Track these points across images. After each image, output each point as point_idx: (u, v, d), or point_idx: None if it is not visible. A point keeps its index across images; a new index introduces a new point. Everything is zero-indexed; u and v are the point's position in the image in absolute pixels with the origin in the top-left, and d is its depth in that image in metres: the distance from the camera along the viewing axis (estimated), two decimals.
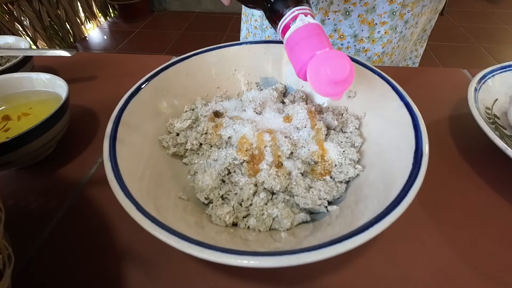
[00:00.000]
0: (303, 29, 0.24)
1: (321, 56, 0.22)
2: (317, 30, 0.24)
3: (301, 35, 0.24)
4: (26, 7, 1.77)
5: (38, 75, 0.36)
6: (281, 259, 0.17)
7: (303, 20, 0.24)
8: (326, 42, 0.24)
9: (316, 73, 0.22)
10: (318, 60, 0.22)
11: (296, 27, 0.24)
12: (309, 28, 0.24)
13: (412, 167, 0.21)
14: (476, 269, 0.23)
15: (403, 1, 0.46)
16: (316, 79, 0.23)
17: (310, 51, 0.23)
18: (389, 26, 0.49)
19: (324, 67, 0.22)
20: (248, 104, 0.34)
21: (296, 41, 0.24)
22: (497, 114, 0.35)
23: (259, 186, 0.26)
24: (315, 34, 0.24)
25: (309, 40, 0.23)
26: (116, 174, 0.22)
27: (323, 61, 0.22)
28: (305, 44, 0.23)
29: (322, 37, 0.24)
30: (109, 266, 0.24)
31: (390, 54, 0.54)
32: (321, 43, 0.23)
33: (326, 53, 0.23)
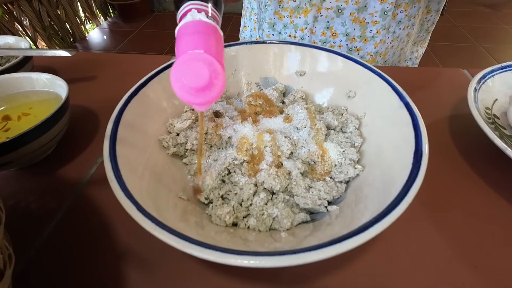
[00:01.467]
0: (189, 25, 0.22)
1: (185, 56, 0.20)
2: (204, 29, 0.22)
3: (186, 30, 0.21)
4: (25, 7, 1.77)
5: (38, 75, 0.36)
6: (281, 259, 0.17)
7: (194, 16, 0.22)
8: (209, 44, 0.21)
9: (175, 76, 0.20)
10: (180, 61, 0.20)
11: (184, 21, 0.22)
12: (196, 25, 0.22)
13: (412, 167, 0.21)
14: (476, 269, 0.23)
15: (396, 1, 0.46)
16: (174, 83, 0.20)
17: (185, 49, 0.20)
18: (381, 26, 0.49)
19: (181, 69, 0.20)
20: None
21: (180, 36, 0.22)
22: (496, 114, 0.35)
23: (259, 186, 0.26)
24: (199, 32, 0.21)
25: (190, 37, 0.21)
26: (116, 174, 0.22)
27: (183, 62, 0.20)
28: (185, 40, 0.21)
29: (206, 37, 0.21)
30: (109, 266, 0.24)
31: (384, 54, 0.54)
32: (201, 43, 0.21)
33: (192, 54, 0.20)
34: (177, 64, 0.20)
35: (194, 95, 0.20)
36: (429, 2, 0.52)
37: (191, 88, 0.20)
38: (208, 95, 0.21)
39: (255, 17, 0.61)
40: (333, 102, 0.35)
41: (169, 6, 2.60)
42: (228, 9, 1.56)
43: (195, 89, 0.20)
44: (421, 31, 0.58)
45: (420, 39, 0.59)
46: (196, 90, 0.20)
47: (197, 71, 0.20)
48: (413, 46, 0.60)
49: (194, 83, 0.20)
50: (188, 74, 0.20)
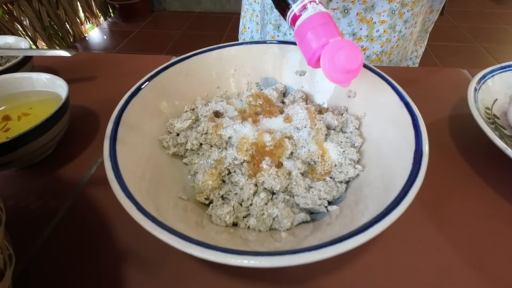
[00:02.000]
0: (316, 17, 0.24)
1: (336, 44, 0.23)
2: (329, 18, 0.24)
3: (314, 23, 0.24)
4: (25, 7, 1.77)
5: (38, 75, 0.36)
6: (281, 259, 0.17)
7: (315, 8, 0.24)
8: (337, 30, 0.24)
9: (330, 61, 0.23)
10: (333, 48, 0.23)
11: (308, 14, 0.24)
12: (322, 16, 0.24)
13: (412, 167, 0.21)
14: (476, 268, 0.23)
15: (403, 0, 0.46)
16: (330, 66, 0.23)
17: (323, 39, 0.24)
18: (388, 25, 0.49)
19: (339, 55, 0.22)
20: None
21: (309, 29, 0.24)
22: (496, 114, 0.35)
23: (259, 186, 0.26)
24: (327, 22, 0.24)
25: (322, 28, 0.24)
26: (116, 174, 0.22)
27: (338, 49, 0.23)
28: (317, 31, 0.24)
29: (333, 25, 0.24)
30: (109, 266, 0.24)
31: (389, 53, 0.54)
32: (333, 31, 0.24)
33: (340, 41, 0.23)
34: (333, 50, 0.23)
35: (345, 74, 0.23)
36: (433, 2, 0.52)
37: (345, 69, 0.23)
38: (356, 73, 0.23)
39: (257, 19, 0.61)
40: (333, 102, 0.35)
41: (169, 6, 2.60)
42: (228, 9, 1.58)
43: (348, 70, 0.23)
44: (421, 31, 0.58)
45: (420, 38, 0.59)
46: (348, 71, 0.23)
47: (353, 54, 0.23)
48: (413, 46, 0.60)
49: (351, 65, 0.23)
50: (347, 57, 0.22)
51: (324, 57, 0.23)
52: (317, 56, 0.24)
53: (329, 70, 0.23)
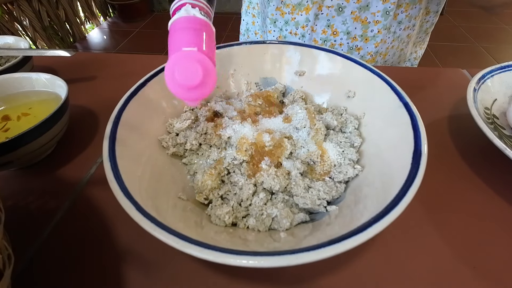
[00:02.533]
0: (183, 20, 0.22)
1: (180, 54, 0.20)
2: (198, 25, 0.22)
3: (179, 26, 0.22)
4: (25, 7, 1.77)
5: (38, 75, 0.36)
6: (280, 259, 0.17)
7: (188, 11, 0.22)
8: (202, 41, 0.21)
9: (168, 71, 0.21)
10: (174, 58, 0.20)
11: (178, 16, 0.22)
12: (190, 21, 0.22)
13: (411, 167, 0.21)
14: (475, 269, 0.23)
15: (397, 1, 0.46)
16: (168, 77, 0.21)
17: (178, 45, 0.21)
18: (383, 26, 0.49)
19: (175, 67, 0.20)
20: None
21: (173, 30, 0.22)
22: (496, 114, 0.35)
23: (258, 186, 0.26)
24: (193, 28, 0.22)
25: (184, 33, 0.21)
26: (115, 174, 0.22)
27: (177, 61, 0.20)
28: (179, 36, 0.21)
29: (200, 35, 0.22)
30: (109, 266, 0.24)
31: (384, 54, 0.54)
32: (194, 40, 0.21)
33: (187, 52, 0.20)
34: (172, 62, 0.20)
35: (186, 91, 0.21)
36: (428, 3, 0.52)
37: (181, 85, 0.21)
38: (200, 92, 0.21)
39: (254, 11, 0.60)
40: (332, 102, 0.35)
41: (168, 6, 2.60)
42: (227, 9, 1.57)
43: (188, 86, 0.21)
44: (420, 32, 0.58)
45: (419, 40, 0.59)
46: (189, 87, 0.21)
47: (191, 70, 0.20)
48: (412, 47, 0.60)
49: (187, 82, 0.21)
50: (182, 72, 0.20)
51: (166, 67, 0.21)
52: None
53: (167, 82, 0.21)
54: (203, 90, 0.21)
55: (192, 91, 0.21)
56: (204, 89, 0.21)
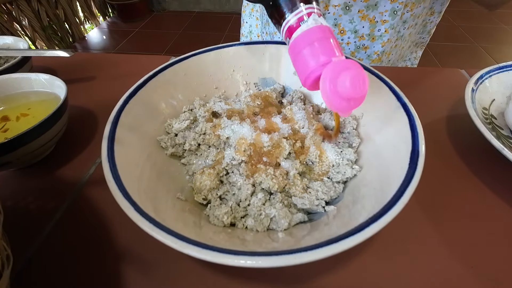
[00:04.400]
0: (316, 30, 0.20)
1: (340, 64, 0.19)
2: (331, 34, 0.21)
3: (313, 37, 0.20)
4: (25, 7, 1.77)
5: (37, 76, 0.36)
6: (278, 259, 0.17)
7: (316, 20, 0.21)
8: (340, 49, 0.20)
9: (331, 83, 0.19)
10: (336, 69, 0.19)
11: (307, 26, 0.21)
12: (323, 31, 0.20)
13: (409, 167, 0.21)
14: (473, 269, 0.23)
15: (405, 0, 0.46)
16: (331, 90, 0.19)
17: (323, 57, 0.20)
18: (390, 25, 0.49)
19: (343, 78, 0.19)
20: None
21: (306, 44, 0.20)
22: (494, 114, 0.35)
23: (256, 187, 0.26)
24: (329, 37, 0.20)
25: (323, 44, 0.20)
26: (114, 174, 0.22)
27: (342, 71, 0.19)
28: (317, 48, 0.20)
29: (336, 43, 0.21)
30: (107, 266, 0.24)
31: (388, 53, 0.54)
32: (336, 49, 0.20)
33: (345, 62, 0.19)
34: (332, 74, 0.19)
35: (347, 101, 0.20)
36: (433, 3, 0.52)
37: (348, 96, 0.19)
38: (360, 102, 0.20)
39: (257, 14, 0.61)
40: None
41: (168, 6, 2.60)
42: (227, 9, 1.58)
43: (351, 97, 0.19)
44: (423, 33, 0.58)
45: (422, 40, 0.59)
46: (350, 98, 0.19)
47: (358, 79, 0.19)
48: (414, 47, 0.60)
49: (356, 92, 0.19)
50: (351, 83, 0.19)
51: (325, 79, 0.19)
52: (314, 76, 0.21)
53: (330, 95, 0.19)
54: (361, 100, 0.20)
55: (353, 101, 0.20)
56: (363, 98, 0.20)
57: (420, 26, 0.55)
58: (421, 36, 0.58)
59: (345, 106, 0.20)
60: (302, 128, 0.31)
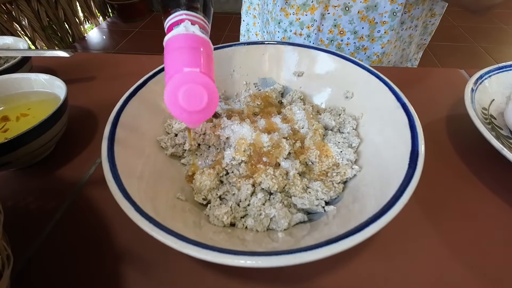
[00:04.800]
0: (183, 38, 0.21)
1: (183, 76, 0.19)
2: (199, 45, 0.21)
3: (178, 44, 0.21)
4: (24, 7, 1.77)
5: (37, 76, 0.36)
6: (278, 259, 0.17)
7: (187, 28, 0.21)
8: (204, 62, 0.20)
9: (170, 94, 0.20)
10: (176, 80, 0.19)
11: (176, 32, 0.21)
12: (190, 39, 0.21)
13: (408, 167, 0.21)
14: (473, 269, 0.24)
15: (405, 2, 0.47)
16: (169, 99, 0.20)
17: (179, 65, 0.20)
18: (389, 27, 0.49)
19: (178, 90, 0.19)
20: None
21: (172, 48, 0.21)
22: (493, 114, 0.35)
23: (256, 187, 0.26)
24: (193, 48, 0.21)
25: (184, 52, 0.20)
26: (114, 174, 0.22)
27: (180, 83, 0.19)
28: (178, 55, 0.20)
29: (201, 54, 0.21)
30: (108, 266, 0.24)
31: (388, 54, 0.54)
32: (195, 60, 0.20)
33: (190, 74, 0.20)
34: (174, 84, 0.20)
35: (189, 114, 0.20)
36: (433, 6, 0.52)
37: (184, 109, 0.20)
38: (203, 115, 0.21)
39: (255, 12, 0.60)
40: (330, 103, 0.36)
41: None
42: (227, 9, 1.58)
43: (192, 110, 0.20)
44: (424, 34, 0.58)
45: (424, 42, 0.59)
46: (192, 111, 0.20)
47: (196, 94, 0.20)
48: (416, 48, 0.60)
49: (192, 106, 0.20)
50: (186, 96, 0.20)
51: (166, 88, 0.20)
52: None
53: (169, 104, 0.20)
54: (206, 114, 0.21)
55: (195, 114, 0.20)
56: (207, 112, 0.21)
57: (421, 27, 0.55)
58: (422, 37, 0.58)
59: (186, 118, 0.20)
60: (302, 128, 0.31)
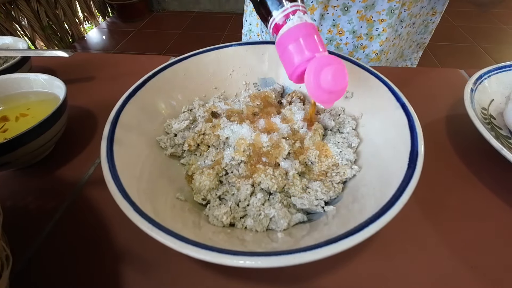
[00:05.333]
0: (301, 27, 0.22)
1: (323, 60, 0.21)
2: (315, 30, 0.22)
3: (298, 34, 0.22)
4: (24, 7, 1.77)
5: (36, 76, 0.36)
6: (278, 259, 0.17)
7: (301, 17, 0.22)
8: (323, 45, 0.22)
9: (315, 77, 0.21)
10: (319, 64, 0.21)
11: (292, 24, 0.22)
12: (307, 27, 0.22)
13: (408, 167, 0.21)
14: (473, 269, 0.24)
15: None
16: (315, 83, 0.21)
17: (308, 52, 0.22)
18: (388, 24, 0.49)
19: (325, 72, 0.21)
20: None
21: (292, 40, 0.22)
22: (493, 114, 0.35)
23: (256, 187, 0.26)
24: (312, 34, 0.22)
25: (307, 40, 0.22)
26: (113, 175, 0.22)
27: (324, 66, 0.21)
28: (302, 44, 0.22)
29: (320, 39, 0.22)
30: (107, 266, 0.24)
31: (387, 52, 0.54)
32: (320, 45, 0.22)
33: (328, 57, 0.21)
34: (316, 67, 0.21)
35: (328, 94, 0.22)
36: (435, 4, 0.52)
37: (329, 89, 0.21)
38: (341, 94, 0.22)
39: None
40: None
41: (168, 6, 2.60)
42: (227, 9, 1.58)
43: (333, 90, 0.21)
44: (425, 33, 0.58)
45: (424, 41, 0.59)
46: (332, 91, 0.21)
47: (339, 73, 0.21)
48: (415, 47, 0.60)
49: (337, 86, 0.21)
50: (330, 76, 0.21)
51: (309, 73, 0.21)
52: (299, 71, 0.23)
53: (313, 87, 0.21)
54: (342, 93, 0.22)
55: (334, 94, 0.22)
56: (343, 91, 0.22)
57: (422, 26, 0.55)
58: (422, 36, 0.58)
59: (326, 98, 0.22)
60: (302, 128, 0.31)
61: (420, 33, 0.57)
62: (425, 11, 0.52)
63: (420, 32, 0.57)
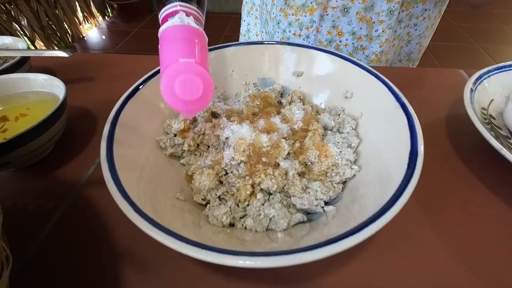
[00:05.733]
0: (178, 29, 0.21)
1: (178, 67, 0.20)
2: (194, 36, 0.21)
3: (174, 35, 0.21)
4: (23, 7, 1.77)
5: (36, 76, 0.36)
6: (277, 259, 0.17)
7: (183, 19, 0.22)
8: (199, 53, 0.21)
9: (166, 84, 0.20)
10: (172, 71, 0.20)
11: (172, 23, 0.22)
12: (185, 31, 0.21)
13: (407, 167, 0.21)
14: (473, 269, 0.24)
15: (402, 0, 0.47)
16: (165, 90, 0.20)
17: (175, 56, 0.20)
18: (387, 25, 0.49)
19: (174, 80, 0.20)
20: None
21: (168, 39, 0.21)
22: (492, 114, 0.35)
23: (256, 187, 0.26)
24: (188, 39, 0.21)
25: (179, 43, 0.21)
26: (113, 175, 0.22)
27: (176, 74, 0.20)
28: (174, 46, 0.21)
29: (196, 45, 0.21)
30: (107, 267, 0.24)
31: (387, 53, 0.54)
32: (191, 51, 0.21)
33: (186, 65, 0.20)
34: (170, 74, 0.20)
35: (185, 104, 0.21)
36: (441, 6, 0.52)
37: (180, 99, 0.20)
38: (199, 105, 0.21)
39: (256, 12, 0.61)
40: (330, 103, 0.36)
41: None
42: (227, 9, 1.58)
43: (187, 100, 0.21)
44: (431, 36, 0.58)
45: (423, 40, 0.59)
46: (188, 101, 0.21)
47: (192, 84, 0.20)
48: (421, 47, 0.60)
49: (188, 96, 0.20)
50: (182, 86, 0.20)
51: (163, 78, 0.20)
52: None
53: (164, 93, 0.20)
54: (202, 103, 0.21)
55: (190, 104, 0.21)
56: (203, 102, 0.21)
57: (431, 30, 0.55)
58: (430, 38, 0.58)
59: (181, 107, 0.21)
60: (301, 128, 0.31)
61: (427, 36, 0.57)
62: (432, 14, 0.52)
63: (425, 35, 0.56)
